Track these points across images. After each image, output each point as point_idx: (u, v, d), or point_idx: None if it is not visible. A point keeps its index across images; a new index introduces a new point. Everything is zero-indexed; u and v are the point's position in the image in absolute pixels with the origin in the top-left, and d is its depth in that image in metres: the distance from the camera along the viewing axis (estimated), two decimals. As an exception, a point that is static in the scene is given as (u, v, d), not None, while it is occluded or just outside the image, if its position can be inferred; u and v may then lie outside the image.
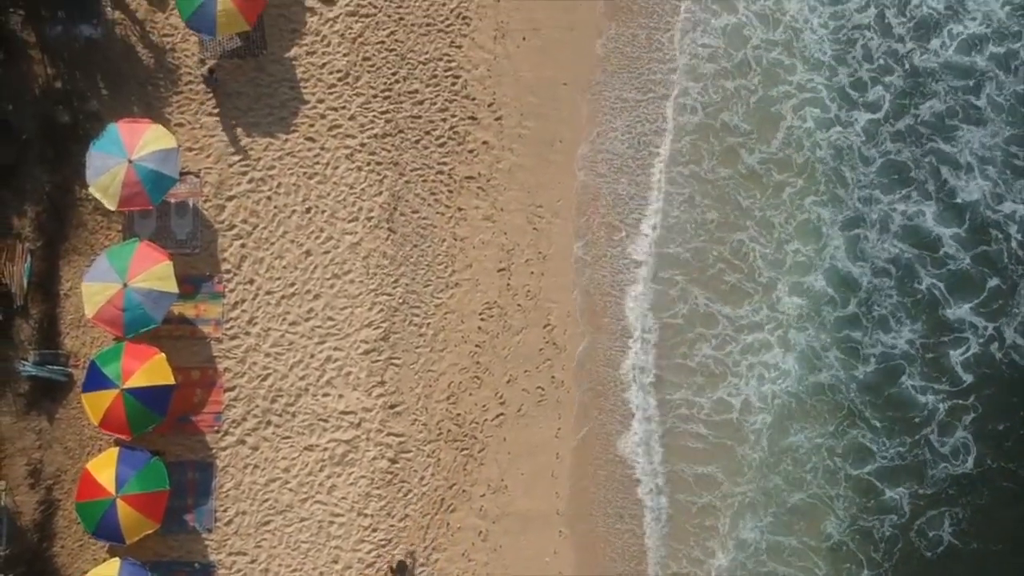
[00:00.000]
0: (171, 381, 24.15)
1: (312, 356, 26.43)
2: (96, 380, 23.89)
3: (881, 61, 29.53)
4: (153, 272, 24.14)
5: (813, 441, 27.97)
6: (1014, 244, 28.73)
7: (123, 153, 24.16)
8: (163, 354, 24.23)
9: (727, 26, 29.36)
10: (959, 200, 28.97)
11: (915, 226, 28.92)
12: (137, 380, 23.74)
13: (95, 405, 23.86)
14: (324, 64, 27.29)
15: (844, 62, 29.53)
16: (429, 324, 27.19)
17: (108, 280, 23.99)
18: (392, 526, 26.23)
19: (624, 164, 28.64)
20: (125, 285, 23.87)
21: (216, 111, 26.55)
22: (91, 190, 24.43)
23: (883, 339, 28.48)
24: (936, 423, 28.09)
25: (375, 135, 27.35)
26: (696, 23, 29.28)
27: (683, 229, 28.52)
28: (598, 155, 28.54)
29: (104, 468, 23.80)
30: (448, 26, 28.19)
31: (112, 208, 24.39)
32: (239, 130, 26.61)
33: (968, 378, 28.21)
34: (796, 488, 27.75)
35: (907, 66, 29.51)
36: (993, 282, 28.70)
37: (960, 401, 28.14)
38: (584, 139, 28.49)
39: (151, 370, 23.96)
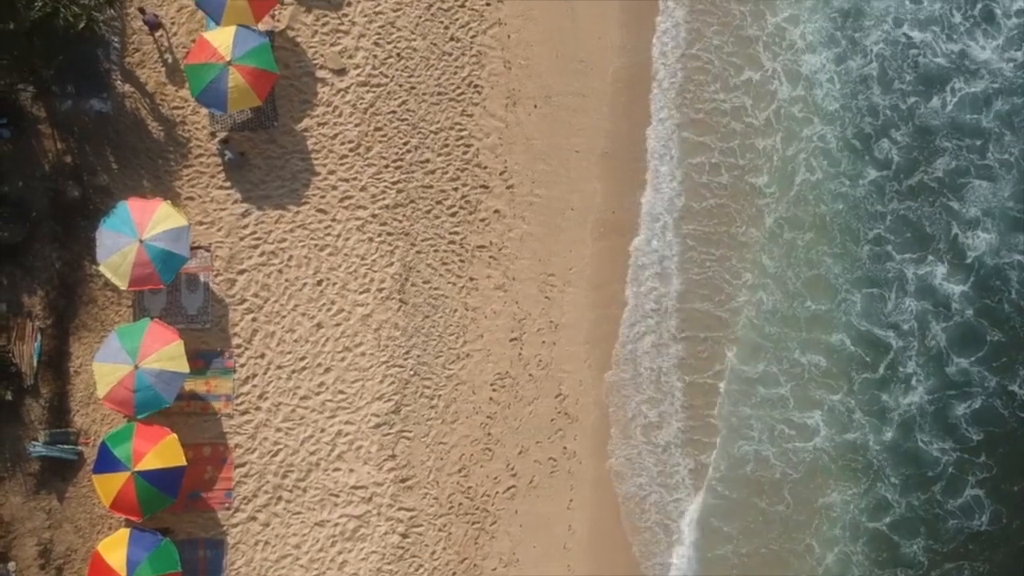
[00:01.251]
0: (183, 462, 23.97)
1: (323, 430, 26.26)
2: (107, 462, 23.71)
3: (886, 116, 29.54)
4: (164, 352, 23.97)
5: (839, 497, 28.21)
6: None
7: (134, 232, 23.99)
8: (174, 435, 24.07)
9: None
10: (968, 257, 28.97)
11: (925, 283, 28.92)
12: (149, 462, 23.56)
13: (106, 487, 23.68)
14: (336, 135, 27.14)
15: (852, 117, 29.58)
16: (440, 396, 27.04)
17: (119, 361, 23.81)
18: (404, 603, 26.14)
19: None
20: (136, 366, 23.70)
21: (227, 184, 26.39)
22: (101, 269, 24.26)
23: (896, 396, 28.49)
24: (946, 479, 28.16)
25: (386, 205, 27.21)
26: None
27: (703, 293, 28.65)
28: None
29: (115, 550, 23.58)
30: (460, 95, 28.06)
31: (123, 288, 24.21)
32: (250, 203, 26.46)
33: (977, 435, 28.31)
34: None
35: (913, 122, 29.52)
36: (996, 336, 28.75)
37: (970, 457, 28.27)
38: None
39: (163, 452, 23.79)
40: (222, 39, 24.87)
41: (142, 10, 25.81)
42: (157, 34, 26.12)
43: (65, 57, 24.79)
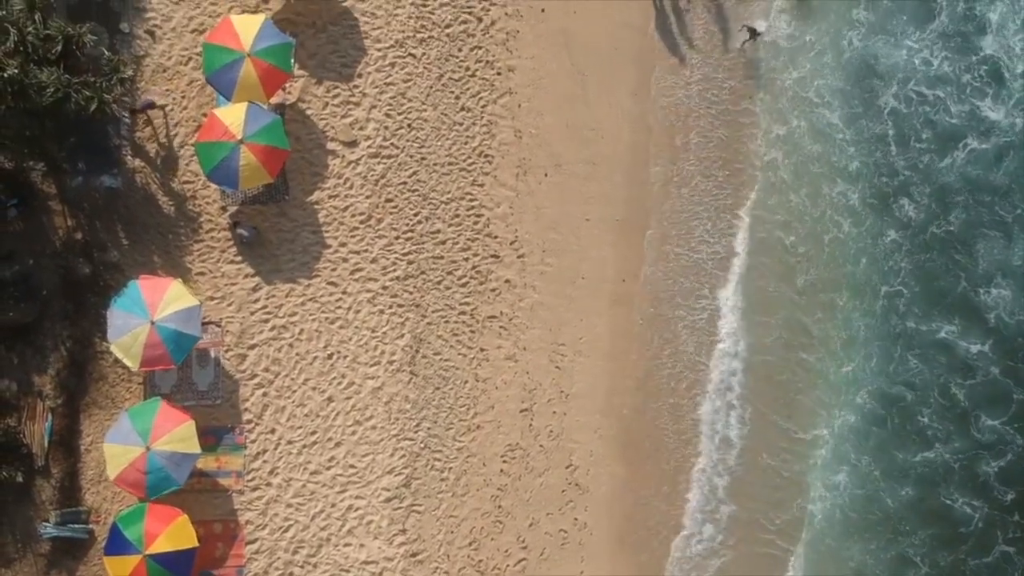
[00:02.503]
0: (194, 544, 23.89)
1: (333, 505, 26.19)
2: (118, 544, 23.62)
3: (904, 175, 29.58)
4: (176, 434, 23.88)
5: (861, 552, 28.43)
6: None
7: (145, 313, 23.89)
8: (186, 515, 23.99)
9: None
10: (986, 315, 29.06)
11: (945, 341, 28.99)
12: (160, 545, 23.48)
13: (118, 570, 23.58)
14: (346, 207, 27.08)
15: (870, 175, 29.67)
16: (451, 468, 26.97)
17: (130, 443, 23.72)
18: None
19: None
20: (148, 448, 23.61)
21: (238, 259, 26.32)
22: (112, 349, 24.15)
23: (921, 453, 28.66)
24: (975, 537, 28.34)
25: (397, 277, 27.15)
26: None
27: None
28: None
29: (126, 630, 23.58)
30: (470, 164, 28.00)
31: (134, 368, 24.10)
32: (261, 277, 26.39)
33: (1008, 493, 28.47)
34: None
35: (929, 179, 29.56)
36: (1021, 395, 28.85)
37: (1001, 515, 28.43)
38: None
39: (174, 534, 23.71)
40: (233, 117, 24.80)
41: (135, 109, 25.84)
42: (151, 112, 26.05)
43: (76, 138, 24.72)
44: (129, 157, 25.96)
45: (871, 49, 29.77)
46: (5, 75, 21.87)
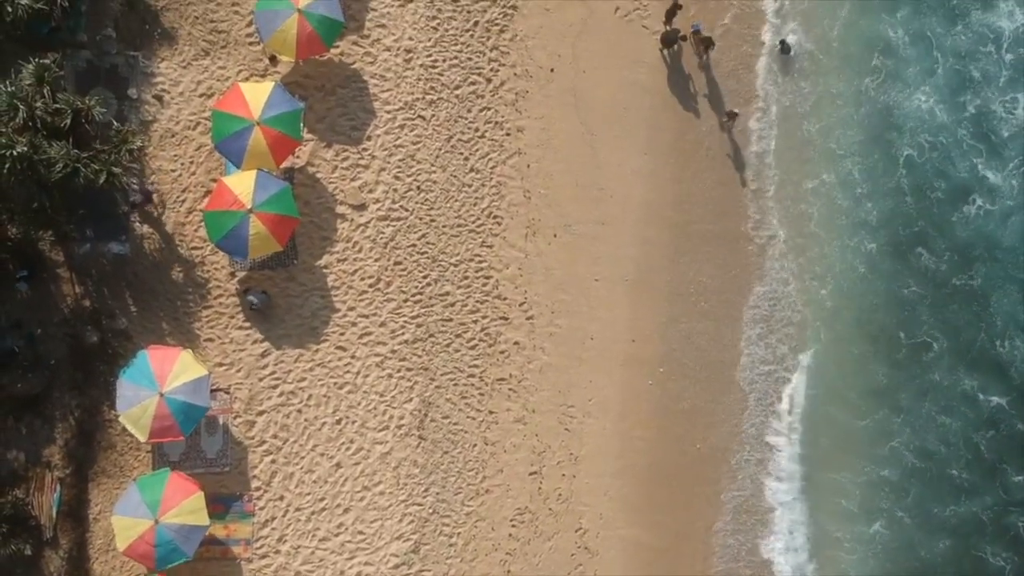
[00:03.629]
0: (203, 612, 23.86)
1: (342, 573, 26.04)
2: (127, 615, 23.59)
3: (921, 226, 29.58)
4: (185, 506, 23.78)
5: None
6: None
7: (154, 385, 23.78)
8: (194, 586, 23.96)
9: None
10: (1007, 369, 29.07)
11: (967, 394, 29.01)
12: (170, 613, 23.47)
13: (127, 640, 23.58)
14: (355, 271, 26.98)
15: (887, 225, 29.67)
16: (459, 533, 26.85)
17: (139, 515, 23.59)
18: None
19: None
20: (157, 521, 23.50)
21: (246, 324, 26.22)
22: (121, 420, 24.05)
23: (952, 506, 28.69)
24: None
25: (406, 341, 27.04)
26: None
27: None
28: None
29: None
30: (479, 226, 27.91)
31: (143, 440, 24.02)
32: (269, 343, 26.29)
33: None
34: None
35: (945, 232, 29.55)
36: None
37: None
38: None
39: (183, 604, 23.68)
40: (243, 186, 24.71)
41: (135, 200, 25.74)
42: (147, 207, 25.93)
43: (85, 208, 24.65)
44: (137, 223, 25.89)
45: (886, 98, 29.83)
46: (15, 153, 21.77)
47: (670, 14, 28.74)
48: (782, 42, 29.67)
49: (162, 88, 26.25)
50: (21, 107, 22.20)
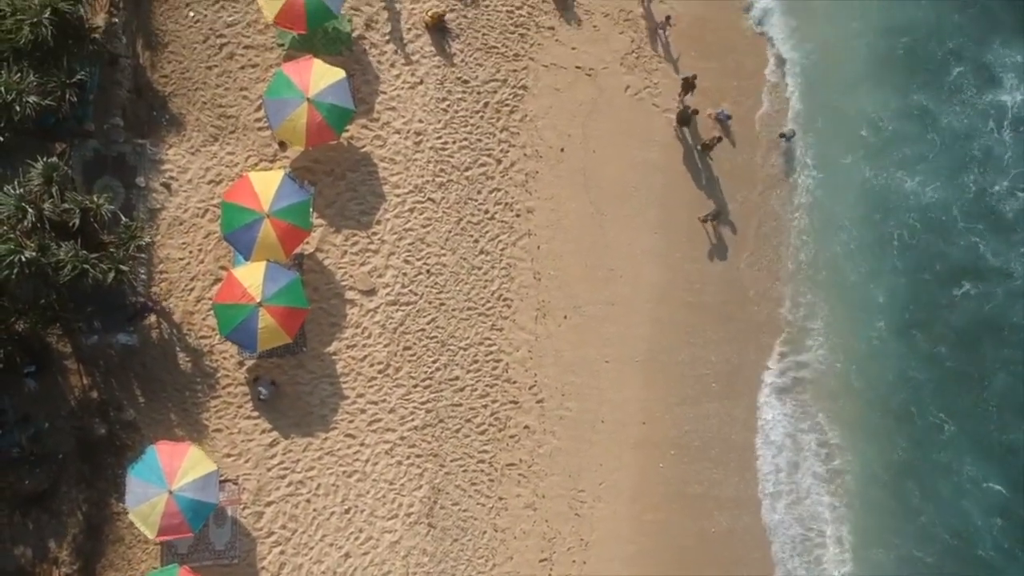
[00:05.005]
0: None
1: (352, 664, 25.89)
2: None
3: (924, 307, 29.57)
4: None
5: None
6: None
7: (163, 483, 23.52)
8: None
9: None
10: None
11: (976, 479, 29.02)
12: None
13: None
14: (364, 357, 26.77)
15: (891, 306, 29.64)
16: (470, 622, 26.68)
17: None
18: None
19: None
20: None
21: (255, 414, 25.99)
22: (131, 516, 23.77)
23: None
24: None
25: (415, 427, 26.83)
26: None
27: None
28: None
29: None
30: (489, 309, 27.72)
31: (151, 537, 23.74)
32: (278, 432, 26.06)
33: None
34: None
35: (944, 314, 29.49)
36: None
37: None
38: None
39: None
40: (252, 278, 24.49)
41: (142, 305, 25.58)
42: (146, 317, 25.71)
43: (94, 306, 24.42)
44: (134, 302, 25.62)
45: (887, 178, 29.69)
46: (23, 258, 21.54)
47: (687, 87, 28.59)
48: (782, 134, 29.56)
49: (170, 175, 26.04)
50: (30, 210, 21.96)
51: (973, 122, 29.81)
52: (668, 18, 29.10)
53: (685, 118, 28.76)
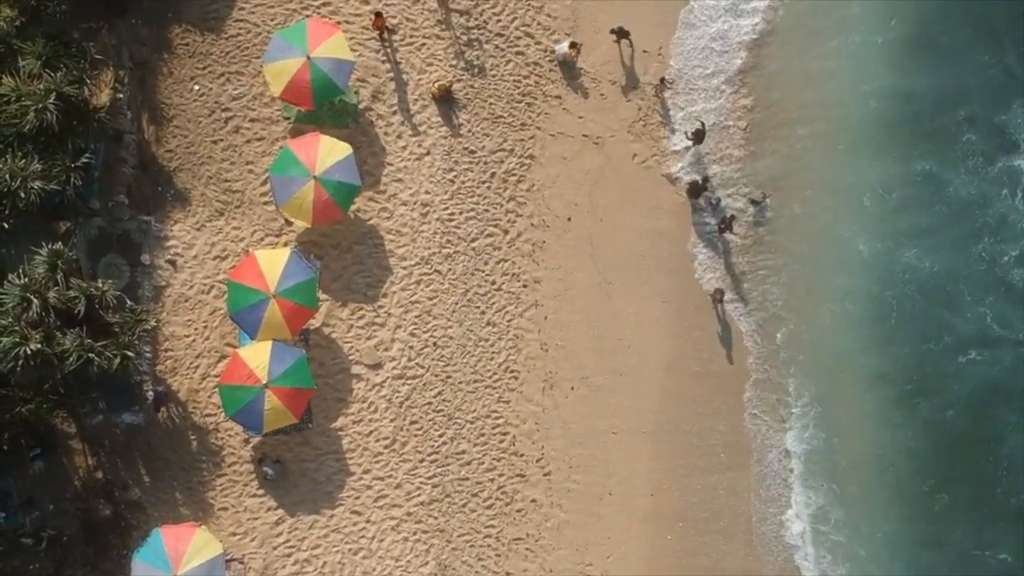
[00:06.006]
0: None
1: None
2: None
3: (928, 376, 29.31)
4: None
5: None
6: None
7: (168, 568, 23.17)
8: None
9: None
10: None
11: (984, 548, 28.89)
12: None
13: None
14: (371, 432, 26.58)
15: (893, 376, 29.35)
16: None
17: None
18: None
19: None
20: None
21: (260, 492, 25.80)
22: (137, 602, 23.69)
23: None
24: None
25: (422, 502, 26.63)
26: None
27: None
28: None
29: None
30: (496, 381, 27.53)
31: (157, 624, 23.62)
32: (283, 510, 25.86)
33: None
34: None
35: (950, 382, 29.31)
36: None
37: None
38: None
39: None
40: (258, 359, 24.29)
41: (159, 394, 25.37)
42: (161, 410, 25.49)
43: (99, 390, 24.24)
44: (150, 393, 25.46)
45: (894, 245, 29.51)
46: (28, 351, 21.37)
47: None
48: (752, 200, 29.20)
49: (175, 252, 25.86)
50: (35, 300, 21.78)
51: (985, 189, 29.46)
52: (663, 80, 28.89)
53: (697, 191, 28.58)
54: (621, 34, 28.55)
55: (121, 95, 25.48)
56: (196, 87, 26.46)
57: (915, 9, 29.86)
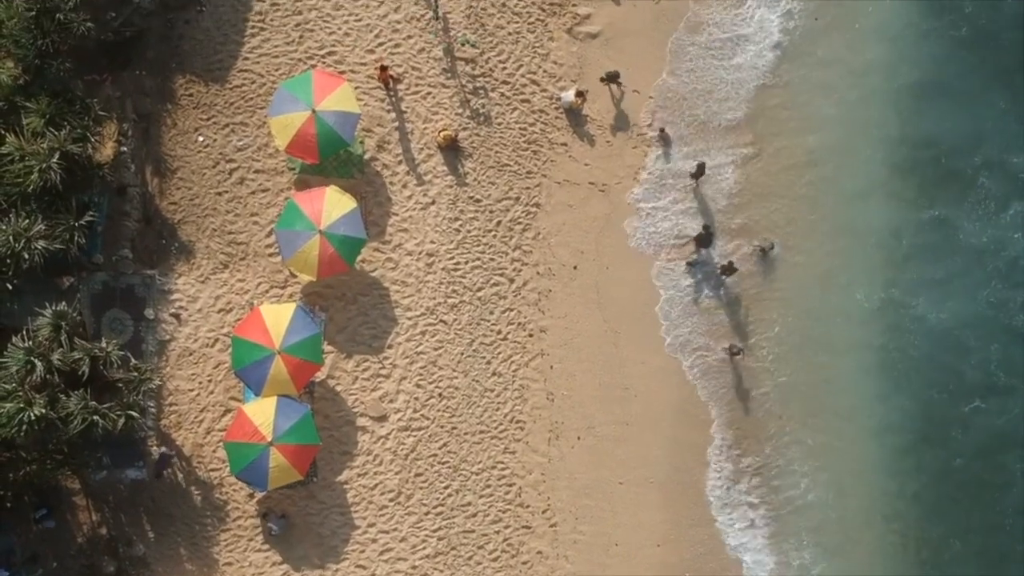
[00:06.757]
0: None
1: None
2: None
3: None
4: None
5: None
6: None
7: (172, 628, 23.31)
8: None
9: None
10: None
11: None
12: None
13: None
14: (375, 485, 26.43)
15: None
16: None
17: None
18: None
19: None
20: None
21: (265, 546, 25.65)
22: (140, 660, 23.61)
23: None
24: None
25: (427, 555, 26.48)
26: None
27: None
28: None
29: None
30: (502, 432, 27.37)
31: None
32: (288, 565, 25.70)
33: None
34: None
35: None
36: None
37: None
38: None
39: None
40: (263, 416, 24.14)
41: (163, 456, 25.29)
42: (166, 472, 25.39)
43: (104, 448, 24.08)
44: (154, 448, 25.31)
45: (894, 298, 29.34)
46: (32, 416, 21.22)
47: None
48: (761, 248, 28.82)
49: (179, 305, 25.72)
50: (39, 364, 21.63)
51: (996, 234, 29.22)
52: (662, 130, 28.70)
53: (706, 241, 28.39)
54: (611, 78, 28.34)
55: (125, 148, 25.34)
56: (200, 138, 26.32)
57: (928, 55, 29.62)
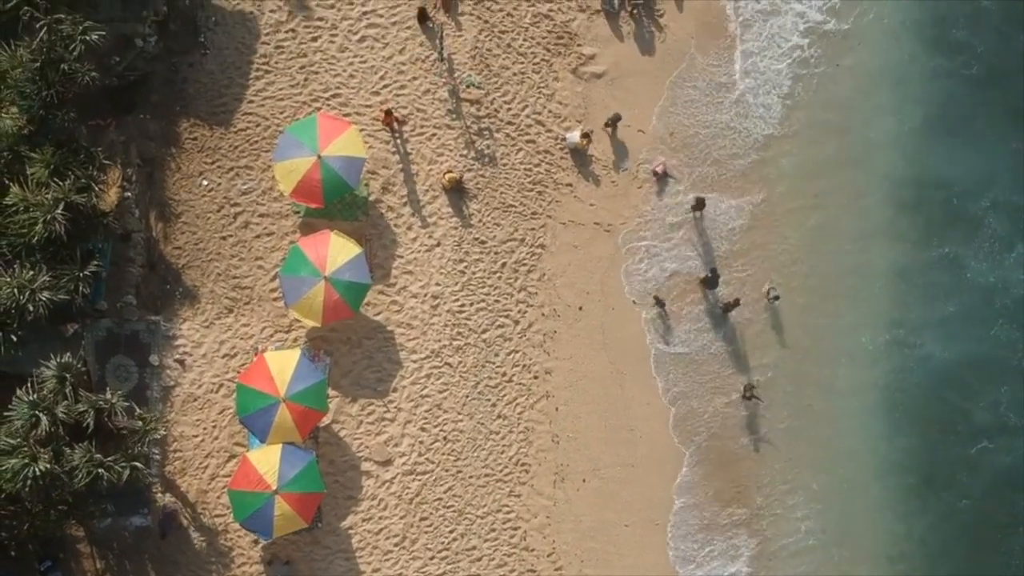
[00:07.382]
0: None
1: None
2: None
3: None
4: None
5: None
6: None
7: None
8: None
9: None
10: None
11: None
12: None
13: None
14: (380, 530, 26.33)
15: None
16: None
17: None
18: None
19: None
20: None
21: (269, 590, 25.64)
22: None
23: None
24: None
25: (432, 601, 26.46)
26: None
27: None
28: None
29: None
30: (507, 475, 27.26)
31: None
32: (293, 610, 25.70)
33: None
34: None
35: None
36: None
37: None
38: None
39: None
40: (268, 463, 24.05)
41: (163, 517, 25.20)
42: (169, 532, 25.25)
43: (108, 496, 23.98)
44: (159, 494, 25.23)
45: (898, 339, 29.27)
46: (37, 471, 21.10)
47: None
48: (775, 296, 28.60)
49: (184, 351, 25.62)
50: (44, 418, 21.52)
51: (1003, 274, 29.12)
52: (666, 171, 28.57)
53: (712, 283, 28.28)
54: (613, 122, 28.22)
55: (129, 194, 25.27)
56: (205, 182, 26.23)
57: (938, 94, 29.62)
